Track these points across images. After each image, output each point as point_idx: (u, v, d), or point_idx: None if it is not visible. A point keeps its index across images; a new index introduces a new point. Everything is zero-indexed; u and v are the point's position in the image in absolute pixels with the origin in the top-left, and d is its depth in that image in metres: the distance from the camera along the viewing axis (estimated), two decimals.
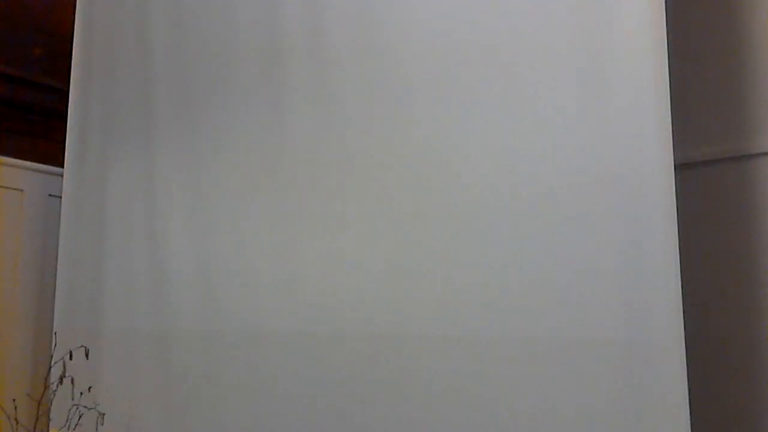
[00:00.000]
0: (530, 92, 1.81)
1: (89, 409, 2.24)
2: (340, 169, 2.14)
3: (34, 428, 2.26)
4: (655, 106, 1.62)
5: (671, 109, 1.63)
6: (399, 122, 2.04)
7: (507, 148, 1.83)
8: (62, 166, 2.81)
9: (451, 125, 1.94)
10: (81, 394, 2.23)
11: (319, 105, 2.19)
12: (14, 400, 2.31)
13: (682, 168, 1.86)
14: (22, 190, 2.88)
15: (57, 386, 2.24)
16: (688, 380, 1.53)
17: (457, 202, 1.90)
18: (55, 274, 2.73)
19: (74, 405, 2.24)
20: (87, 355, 2.18)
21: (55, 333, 2.51)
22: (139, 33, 2.66)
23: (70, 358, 2.18)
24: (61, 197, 2.79)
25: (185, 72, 2.53)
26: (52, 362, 2.25)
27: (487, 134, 1.87)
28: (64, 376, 2.16)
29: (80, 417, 2.25)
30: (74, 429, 2.25)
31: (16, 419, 2.28)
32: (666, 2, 1.67)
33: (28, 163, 2.91)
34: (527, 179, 1.79)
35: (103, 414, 2.24)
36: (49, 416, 2.39)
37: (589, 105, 1.72)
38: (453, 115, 1.94)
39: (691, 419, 1.52)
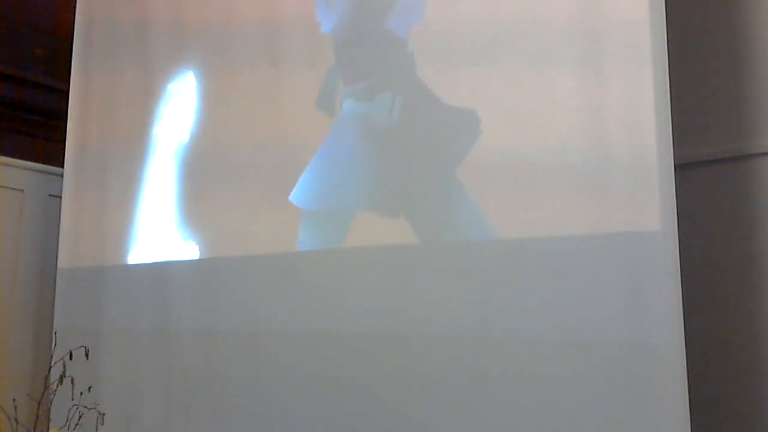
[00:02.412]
0: (530, 93, 1.81)
1: (89, 409, 2.23)
2: (340, 168, 2.14)
3: (34, 428, 2.26)
4: (655, 106, 1.62)
5: (671, 109, 1.62)
6: (401, 121, 2.04)
7: (507, 147, 1.83)
8: (62, 166, 2.81)
9: (451, 123, 1.94)
10: (81, 394, 2.22)
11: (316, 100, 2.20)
12: (14, 400, 2.30)
13: (682, 168, 1.86)
14: (22, 190, 2.88)
15: (57, 386, 2.23)
16: (688, 380, 1.52)
17: (456, 202, 1.90)
18: (55, 274, 2.73)
19: (74, 405, 2.24)
20: (87, 355, 2.18)
21: (55, 333, 2.51)
22: (139, 33, 2.66)
23: (70, 358, 2.18)
24: (61, 197, 2.79)
25: (185, 72, 2.53)
26: (52, 362, 2.24)
27: (486, 132, 1.87)
28: (64, 376, 2.16)
29: (80, 417, 2.24)
30: (74, 429, 2.24)
31: (16, 419, 2.28)
32: (666, 2, 1.67)
33: (28, 163, 2.91)
34: (527, 179, 1.79)
35: (103, 414, 2.23)
36: (49, 416, 2.39)
37: (589, 105, 1.72)
38: (451, 112, 1.94)
39: (691, 419, 1.52)
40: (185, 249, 2.43)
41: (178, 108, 2.52)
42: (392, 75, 2.08)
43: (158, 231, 2.51)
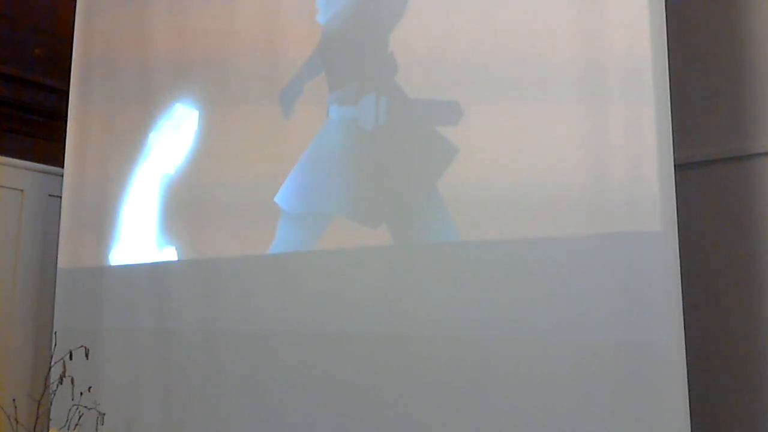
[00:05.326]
0: (531, 93, 1.81)
1: (89, 409, 2.23)
2: (340, 168, 2.14)
3: (34, 428, 2.26)
4: (655, 106, 1.62)
5: (671, 109, 1.62)
6: (400, 123, 2.05)
7: (507, 147, 1.83)
8: (62, 166, 2.81)
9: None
10: (81, 394, 2.22)
11: (317, 106, 2.19)
12: (14, 400, 2.30)
13: (682, 168, 1.86)
14: (22, 190, 2.88)
15: (57, 386, 2.23)
16: (688, 380, 1.53)
17: (456, 202, 1.90)
18: (55, 274, 2.73)
19: (74, 405, 2.24)
20: (87, 355, 2.18)
21: (55, 333, 2.51)
22: (139, 33, 2.66)
23: (70, 358, 2.18)
24: (61, 197, 2.79)
25: (185, 72, 2.53)
26: (52, 362, 2.25)
27: (487, 133, 1.87)
28: (64, 376, 2.16)
29: (80, 417, 2.24)
30: (74, 429, 2.25)
31: (16, 419, 2.28)
32: (666, 2, 1.67)
33: (28, 163, 2.91)
34: (528, 179, 1.79)
35: (103, 414, 2.24)
36: (49, 416, 2.39)
37: (589, 105, 1.72)
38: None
39: (691, 419, 1.52)
40: (185, 249, 2.43)
41: (178, 108, 2.53)
42: (376, 78, 2.09)
43: (158, 231, 2.51)
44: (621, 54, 1.68)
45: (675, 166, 1.62)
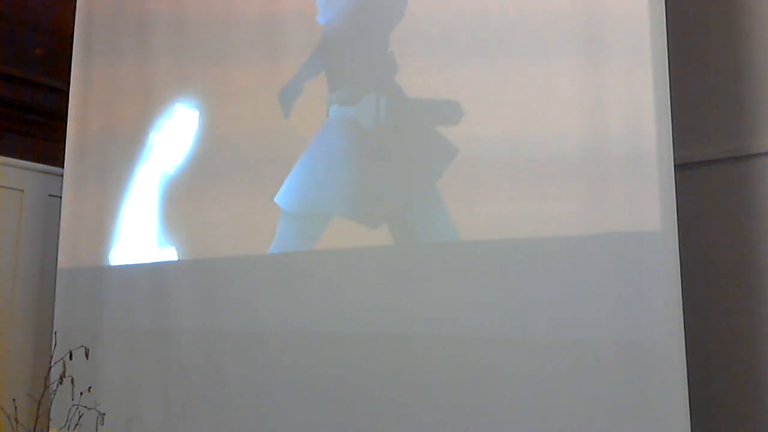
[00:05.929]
0: (530, 93, 1.81)
1: (89, 409, 2.23)
2: (340, 168, 2.14)
3: (34, 428, 2.26)
4: (655, 106, 1.62)
5: (671, 109, 1.63)
6: (400, 123, 2.05)
7: (507, 147, 1.83)
8: (62, 166, 2.81)
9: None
10: (81, 394, 2.22)
11: (317, 106, 2.19)
12: (14, 400, 2.31)
13: (682, 168, 1.86)
14: (22, 190, 2.88)
15: (57, 386, 2.24)
16: (688, 380, 1.53)
17: (456, 201, 1.90)
18: (55, 274, 2.73)
19: (74, 405, 2.24)
20: (87, 355, 2.18)
21: (55, 333, 2.51)
22: (139, 33, 2.66)
23: (70, 358, 2.18)
24: (61, 197, 2.79)
25: (185, 71, 2.53)
26: (52, 362, 2.25)
27: (487, 133, 1.87)
28: (64, 376, 2.16)
29: (80, 417, 2.25)
30: (74, 429, 2.25)
31: (16, 419, 2.28)
32: (666, 2, 1.67)
33: (28, 163, 2.91)
34: (528, 179, 1.79)
35: (103, 414, 2.24)
36: (49, 416, 2.39)
37: (589, 105, 1.72)
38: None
39: (691, 419, 1.52)
40: (185, 249, 2.43)
41: (178, 108, 2.53)
42: (376, 77, 2.09)
43: (158, 231, 2.51)
44: (621, 55, 1.68)
45: (675, 166, 1.62)
